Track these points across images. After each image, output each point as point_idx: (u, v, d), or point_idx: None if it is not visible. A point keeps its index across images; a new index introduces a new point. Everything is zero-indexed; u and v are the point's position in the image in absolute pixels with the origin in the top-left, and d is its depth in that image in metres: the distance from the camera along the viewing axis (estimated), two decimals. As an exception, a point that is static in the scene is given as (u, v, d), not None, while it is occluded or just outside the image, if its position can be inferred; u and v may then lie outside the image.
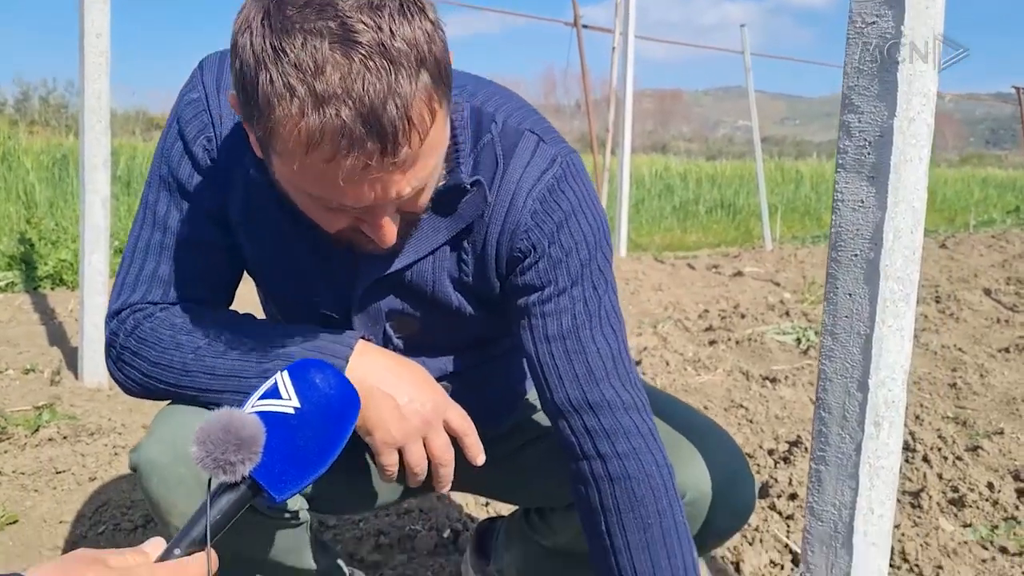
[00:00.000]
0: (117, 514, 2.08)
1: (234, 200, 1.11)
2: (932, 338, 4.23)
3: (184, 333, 1.09)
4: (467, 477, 1.43)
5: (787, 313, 4.77)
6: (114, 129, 3.21)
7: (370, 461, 1.18)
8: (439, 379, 1.29)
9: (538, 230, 1.08)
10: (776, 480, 2.32)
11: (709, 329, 4.43)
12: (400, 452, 1.10)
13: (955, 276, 6.41)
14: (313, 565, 1.35)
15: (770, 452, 2.62)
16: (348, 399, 1.00)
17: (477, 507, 2.18)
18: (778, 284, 6.10)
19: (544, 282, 1.09)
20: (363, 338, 1.12)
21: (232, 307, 1.23)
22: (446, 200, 1.06)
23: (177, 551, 0.85)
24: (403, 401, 1.08)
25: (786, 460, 2.51)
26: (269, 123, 0.82)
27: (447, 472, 1.14)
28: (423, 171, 0.89)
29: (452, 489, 1.61)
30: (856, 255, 1.05)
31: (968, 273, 6.51)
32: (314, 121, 0.79)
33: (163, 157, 1.12)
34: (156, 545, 0.85)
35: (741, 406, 3.10)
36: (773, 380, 3.41)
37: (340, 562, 1.52)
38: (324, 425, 0.95)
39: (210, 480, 0.88)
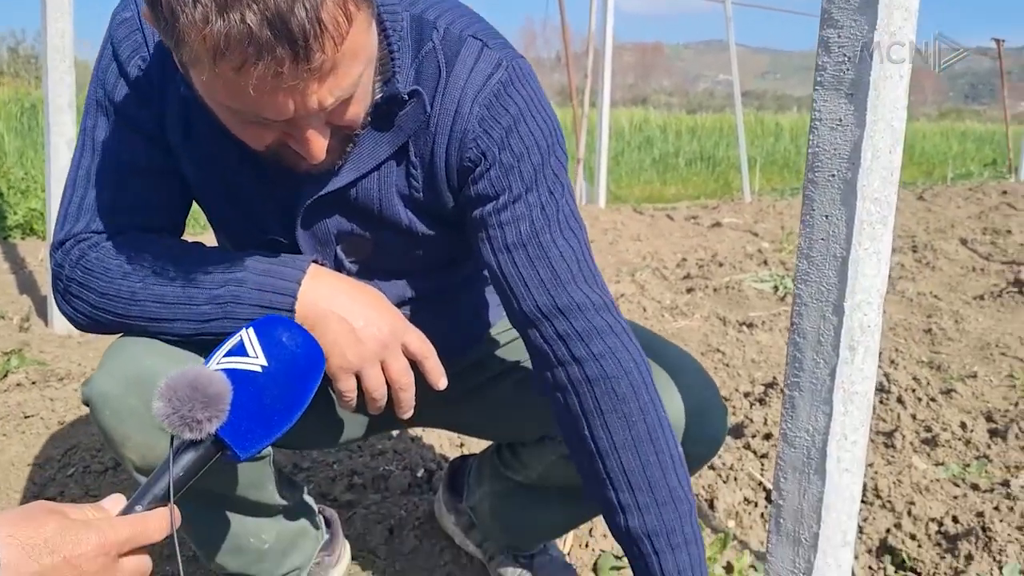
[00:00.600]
0: (87, 456, 2.05)
1: (171, 121, 1.07)
2: (908, 286, 4.24)
3: (131, 262, 1.06)
4: (435, 412, 1.41)
5: (765, 262, 4.77)
6: (87, 78, 3.16)
7: (331, 393, 1.15)
8: (397, 305, 1.26)
9: (486, 137, 1.04)
10: (751, 420, 2.32)
11: (687, 277, 4.42)
12: (358, 378, 1.07)
13: (932, 227, 6.43)
14: (278, 500, 1.33)
15: (746, 394, 2.62)
16: (314, 357, 0.98)
17: (451, 447, 2.17)
18: (756, 234, 6.10)
19: (498, 190, 1.06)
20: (315, 262, 1.09)
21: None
22: (384, 113, 1.03)
23: (139, 507, 0.83)
24: (359, 325, 1.05)
25: (761, 401, 2.51)
26: (176, 33, 0.78)
27: (407, 397, 1.11)
28: (345, 80, 0.85)
29: (420, 425, 1.60)
30: (833, 175, 1.03)
31: (945, 224, 6.53)
32: (219, 28, 0.75)
33: (99, 81, 1.08)
34: (115, 501, 0.84)
35: (718, 350, 3.10)
36: (750, 325, 3.41)
37: (308, 499, 1.51)
38: (290, 383, 0.93)
39: (172, 437, 0.86)
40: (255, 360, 0.92)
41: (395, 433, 2.23)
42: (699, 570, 1.05)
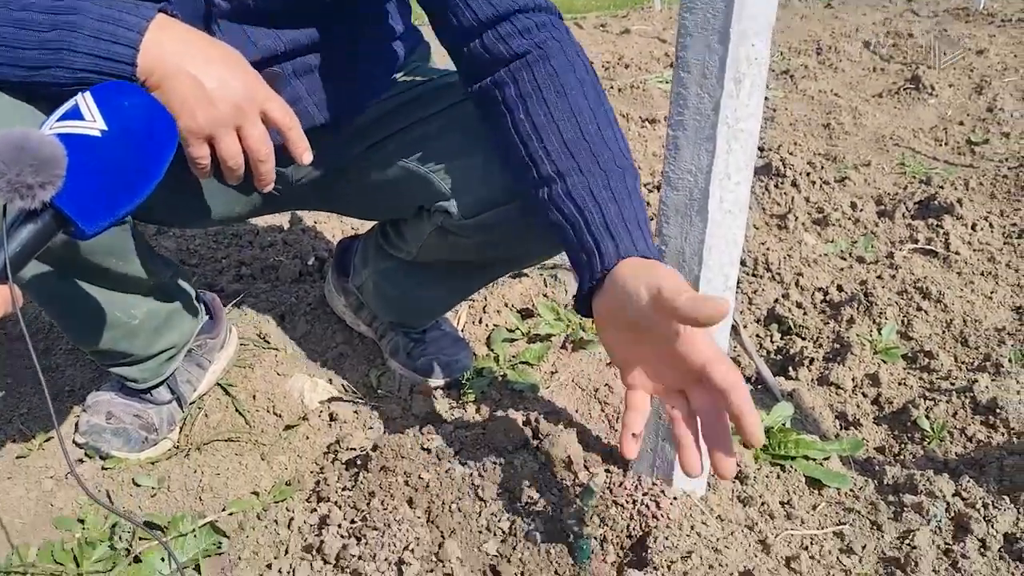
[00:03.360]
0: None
1: None
2: (810, 85, 4.23)
3: None
4: (312, 189, 1.35)
5: (672, 64, 4.69)
6: None
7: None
8: (272, 60, 1.16)
9: None
10: (649, 204, 2.32)
11: (592, 80, 4.32)
12: (213, 145, 1.00)
13: (838, 32, 6.39)
14: (147, 275, 1.26)
15: (646, 184, 2.61)
16: (162, 123, 0.89)
17: (344, 236, 2.11)
18: (664, 41, 5.97)
19: None
20: (169, 13, 0.97)
21: None
22: None
23: None
24: (211, 85, 0.96)
25: (659, 188, 2.50)
26: None
27: (267, 170, 1.05)
28: None
29: (298, 207, 1.54)
30: None
31: (850, 29, 6.50)
32: None
33: None
34: None
35: (619, 146, 3.07)
36: (653, 121, 3.37)
37: (184, 283, 1.44)
38: (136, 151, 0.85)
39: (5, 208, 0.77)
40: (92, 124, 0.83)
41: (286, 225, 2.15)
42: (623, 225, 0.99)
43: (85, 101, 0.84)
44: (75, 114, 0.83)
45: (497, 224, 1.21)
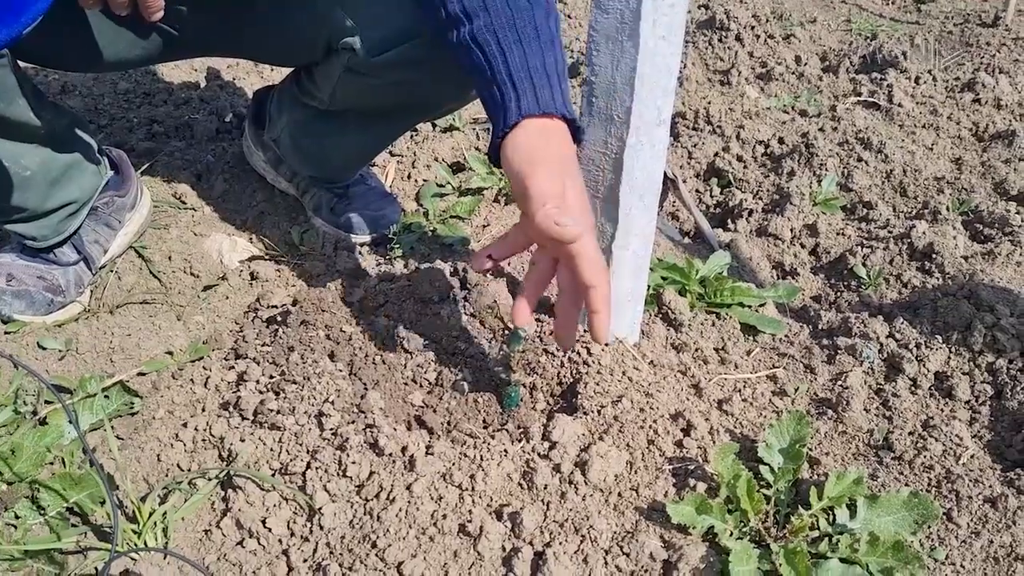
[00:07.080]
0: None
1: None
2: (758, -57, 4.09)
3: None
4: (213, 31, 1.25)
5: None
6: None
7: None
8: None
9: None
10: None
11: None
12: None
13: None
14: (35, 120, 1.15)
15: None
16: None
17: (263, 92, 1.99)
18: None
19: None
20: None
21: None
22: None
23: None
24: None
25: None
26: None
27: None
28: None
29: (202, 53, 1.43)
30: None
31: None
32: None
33: None
34: None
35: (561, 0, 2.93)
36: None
37: (84, 134, 1.32)
38: None
39: None
40: None
41: (202, 82, 2.02)
42: (527, 73, 0.96)
43: None
44: None
45: (403, 63, 1.16)
